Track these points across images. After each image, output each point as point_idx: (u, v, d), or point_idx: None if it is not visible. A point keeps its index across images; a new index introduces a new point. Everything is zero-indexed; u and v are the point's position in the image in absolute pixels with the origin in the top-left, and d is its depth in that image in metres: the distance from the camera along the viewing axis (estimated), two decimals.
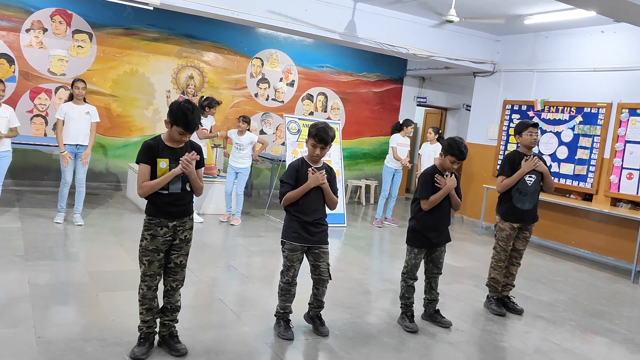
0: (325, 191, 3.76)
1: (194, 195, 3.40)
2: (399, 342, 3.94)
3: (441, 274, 4.35)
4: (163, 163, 3.21)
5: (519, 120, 4.85)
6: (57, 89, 8.28)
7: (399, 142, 8.43)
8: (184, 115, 3.16)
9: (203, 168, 3.42)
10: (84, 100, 6.32)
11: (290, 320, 3.86)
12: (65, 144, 6.16)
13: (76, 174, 6.31)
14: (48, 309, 3.88)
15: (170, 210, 3.25)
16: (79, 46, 8.36)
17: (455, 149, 4.04)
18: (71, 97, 6.27)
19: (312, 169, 3.73)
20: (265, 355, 3.53)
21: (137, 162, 3.22)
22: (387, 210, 8.65)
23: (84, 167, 6.30)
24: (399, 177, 8.57)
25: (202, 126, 7.22)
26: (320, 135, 3.71)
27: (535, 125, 4.75)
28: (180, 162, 3.17)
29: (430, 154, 8.34)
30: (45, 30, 8.12)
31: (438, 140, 8.43)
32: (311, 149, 3.77)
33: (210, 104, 7.35)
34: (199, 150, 3.35)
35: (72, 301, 4.14)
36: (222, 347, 3.52)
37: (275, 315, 3.88)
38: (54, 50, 8.21)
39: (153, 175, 3.21)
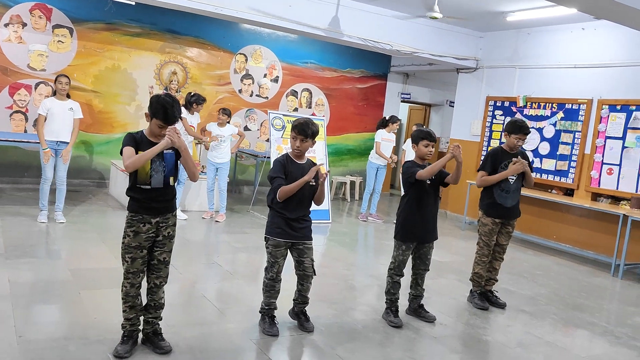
0: (320, 186, 3.77)
1: (190, 182, 3.35)
2: (384, 337, 3.96)
3: (428, 270, 4.38)
4: None
5: (514, 120, 4.85)
6: (37, 84, 8.16)
7: (384, 138, 8.46)
8: (164, 108, 3.14)
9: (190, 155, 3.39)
10: (67, 96, 6.24)
11: (275, 316, 3.85)
12: (47, 140, 6.06)
13: (57, 171, 6.22)
14: (29, 307, 3.83)
15: (152, 207, 3.22)
16: (59, 41, 8.24)
17: (423, 132, 4.21)
18: (54, 93, 6.18)
19: (317, 167, 3.73)
20: (250, 351, 3.53)
21: (122, 148, 3.15)
22: (371, 206, 8.68)
23: (64, 164, 6.22)
24: (383, 173, 8.60)
25: (188, 122, 7.16)
26: (300, 127, 3.74)
27: (527, 133, 4.78)
28: (166, 134, 3.10)
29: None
30: (24, 24, 7.98)
31: None
32: (292, 142, 3.80)
33: (197, 100, 7.27)
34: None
35: (53, 300, 4.08)
36: (206, 344, 3.50)
37: (260, 312, 3.87)
38: (33, 45, 8.08)
39: (135, 173, 3.18)
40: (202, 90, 9.35)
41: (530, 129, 8.21)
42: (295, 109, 10.48)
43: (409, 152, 8.57)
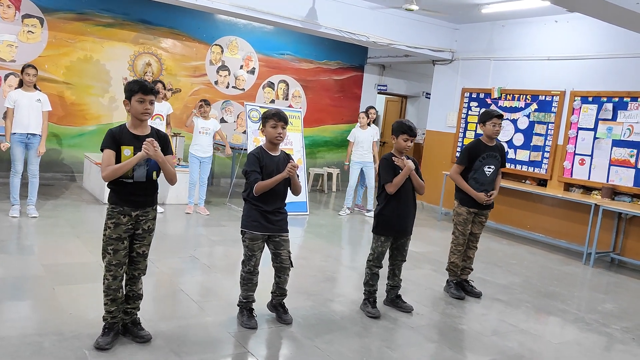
0: (294, 180, 3.77)
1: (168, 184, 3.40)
2: (362, 328, 3.99)
3: (405, 261, 4.41)
4: (127, 151, 3.15)
5: (485, 109, 4.92)
6: (6, 76, 7.95)
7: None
8: (137, 81, 3.20)
9: (171, 156, 3.37)
10: (35, 87, 6.10)
11: (253, 309, 3.85)
12: (15, 133, 5.93)
13: (28, 165, 6.09)
14: (1, 304, 3.75)
15: (132, 199, 3.19)
16: (29, 31, 8.03)
17: (404, 126, 4.17)
18: (21, 84, 6.04)
19: (292, 163, 3.69)
20: (228, 344, 3.52)
21: (101, 149, 3.17)
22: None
23: (36, 158, 6.09)
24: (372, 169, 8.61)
25: (155, 111, 7.02)
26: (279, 114, 3.73)
27: (500, 116, 4.80)
28: (143, 146, 3.10)
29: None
30: None
31: None
32: (272, 131, 3.74)
33: (155, 83, 7.11)
34: (165, 139, 3.34)
35: (26, 296, 4.01)
36: (184, 338, 3.49)
37: (238, 305, 3.87)
38: (2, 35, 7.86)
39: (118, 162, 3.16)
40: (178, 82, 9.25)
41: (504, 118, 8.40)
42: (272, 101, 10.43)
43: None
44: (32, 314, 3.71)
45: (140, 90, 3.15)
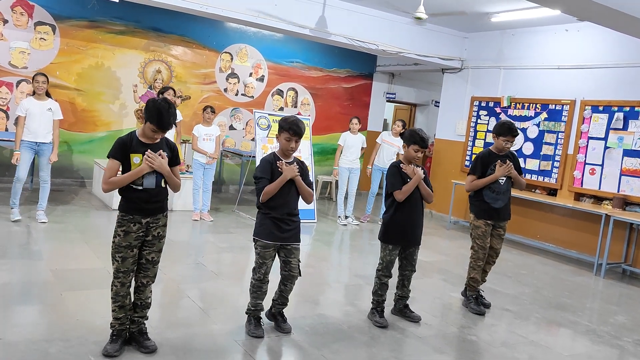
0: (298, 183, 3.74)
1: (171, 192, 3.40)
2: (369, 338, 3.96)
3: (415, 271, 4.37)
4: (137, 158, 3.17)
5: (503, 122, 4.82)
6: (18, 82, 8.03)
7: (385, 140, 8.43)
8: (159, 113, 3.12)
9: (179, 165, 3.41)
10: (47, 94, 6.13)
11: (261, 317, 3.83)
12: (25, 140, 5.96)
13: (40, 171, 6.13)
14: (8, 309, 3.76)
15: (143, 207, 3.20)
16: (41, 38, 8.11)
17: (417, 137, 4.14)
18: (34, 92, 6.08)
19: (283, 163, 3.70)
20: (235, 353, 3.50)
21: (108, 157, 3.19)
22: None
23: (48, 164, 6.12)
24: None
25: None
26: (294, 129, 3.70)
27: (515, 135, 4.75)
28: (144, 159, 3.14)
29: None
30: (5, 21, 7.84)
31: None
32: (285, 143, 3.73)
33: (163, 89, 7.10)
34: (174, 148, 3.35)
35: (34, 301, 4.02)
36: (190, 345, 3.47)
37: (246, 313, 3.84)
38: (14, 42, 7.95)
39: (125, 172, 3.18)
40: (187, 89, 9.30)
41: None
42: (281, 108, 10.45)
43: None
44: (40, 319, 3.72)
45: (157, 125, 3.13)
